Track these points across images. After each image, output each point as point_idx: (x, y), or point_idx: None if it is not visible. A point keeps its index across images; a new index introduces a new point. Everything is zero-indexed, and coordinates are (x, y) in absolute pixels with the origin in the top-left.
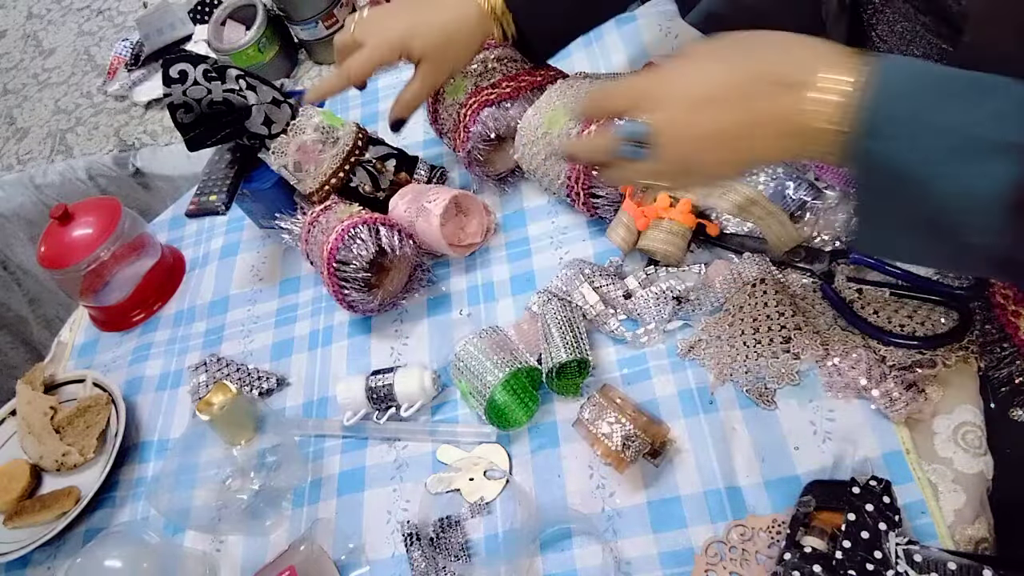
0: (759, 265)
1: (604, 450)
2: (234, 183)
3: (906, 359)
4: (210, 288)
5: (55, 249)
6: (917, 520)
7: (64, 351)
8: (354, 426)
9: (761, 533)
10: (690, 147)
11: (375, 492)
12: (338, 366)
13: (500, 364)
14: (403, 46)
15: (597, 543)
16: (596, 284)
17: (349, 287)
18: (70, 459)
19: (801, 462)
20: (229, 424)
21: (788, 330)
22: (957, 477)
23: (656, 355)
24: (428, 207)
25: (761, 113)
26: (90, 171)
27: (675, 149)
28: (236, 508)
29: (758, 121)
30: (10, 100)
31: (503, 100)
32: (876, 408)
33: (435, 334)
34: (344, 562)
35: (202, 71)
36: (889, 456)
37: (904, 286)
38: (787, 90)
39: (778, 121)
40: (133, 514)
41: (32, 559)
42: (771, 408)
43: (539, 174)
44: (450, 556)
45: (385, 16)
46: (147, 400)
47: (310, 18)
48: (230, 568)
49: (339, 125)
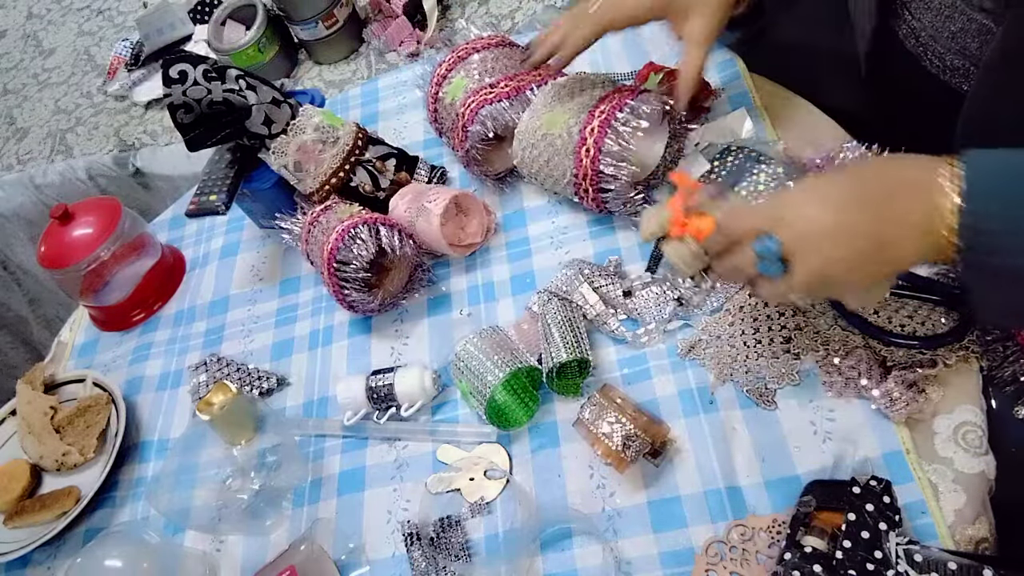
0: None
1: (604, 450)
2: (234, 183)
3: (906, 359)
4: (210, 288)
5: (55, 249)
6: (917, 520)
7: (64, 351)
8: (354, 426)
9: (761, 533)
10: (825, 264)
11: (375, 492)
12: (338, 366)
13: (500, 364)
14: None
15: (597, 543)
16: (596, 284)
17: (349, 287)
18: (70, 459)
19: (801, 462)
20: (229, 424)
21: (788, 330)
22: (957, 477)
23: (656, 355)
24: (428, 207)
25: (889, 228)
26: (90, 171)
27: (809, 265)
28: (236, 508)
29: (886, 239)
30: (10, 100)
31: (502, 100)
32: (876, 408)
33: (435, 334)
34: (344, 562)
35: (202, 71)
36: (889, 456)
37: (904, 286)
38: (913, 199)
39: (908, 229)
40: (133, 514)
41: (32, 559)
42: (771, 408)
43: (541, 176)
44: (450, 556)
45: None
46: (147, 400)
47: (310, 18)
48: (230, 568)
49: (339, 125)
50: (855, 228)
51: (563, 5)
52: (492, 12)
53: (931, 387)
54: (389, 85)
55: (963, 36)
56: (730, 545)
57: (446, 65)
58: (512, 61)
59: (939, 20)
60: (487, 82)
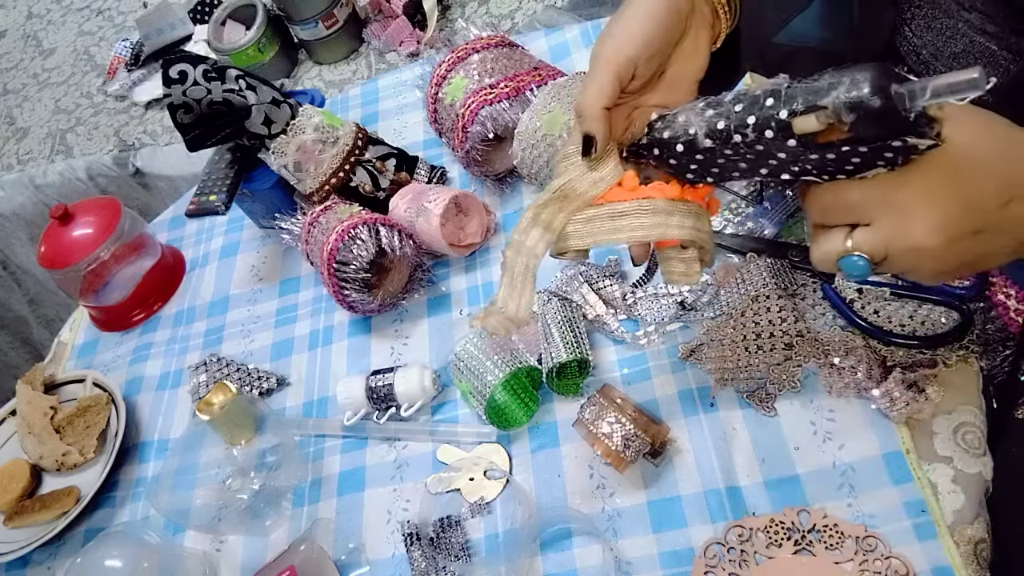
0: (765, 270)
1: (604, 450)
2: (234, 183)
3: (906, 359)
4: (210, 288)
5: (55, 249)
6: (917, 519)
7: (64, 351)
8: (354, 426)
9: (759, 533)
10: (917, 273)
11: (375, 492)
12: (338, 366)
13: (500, 364)
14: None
15: (597, 543)
16: (596, 284)
17: (349, 287)
18: (70, 459)
19: (801, 462)
20: (229, 424)
21: (790, 336)
22: (957, 477)
23: (656, 355)
24: (428, 207)
25: (997, 241)
26: (90, 171)
27: (899, 268)
28: (236, 508)
29: (992, 251)
30: (10, 100)
31: (502, 100)
32: (876, 408)
33: (435, 334)
34: (344, 562)
35: (202, 71)
36: (889, 456)
37: (904, 286)
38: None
39: (1017, 244)
40: (133, 514)
41: (32, 559)
42: (771, 414)
43: (541, 176)
44: (450, 556)
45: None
46: (147, 400)
47: (310, 18)
48: (230, 568)
49: (339, 125)
50: (962, 255)
51: (563, 5)
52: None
53: (931, 387)
54: (389, 85)
55: (965, 57)
56: (728, 546)
57: (446, 65)
58: (512, 61)
59: (940, 40)
60: (487, 82)
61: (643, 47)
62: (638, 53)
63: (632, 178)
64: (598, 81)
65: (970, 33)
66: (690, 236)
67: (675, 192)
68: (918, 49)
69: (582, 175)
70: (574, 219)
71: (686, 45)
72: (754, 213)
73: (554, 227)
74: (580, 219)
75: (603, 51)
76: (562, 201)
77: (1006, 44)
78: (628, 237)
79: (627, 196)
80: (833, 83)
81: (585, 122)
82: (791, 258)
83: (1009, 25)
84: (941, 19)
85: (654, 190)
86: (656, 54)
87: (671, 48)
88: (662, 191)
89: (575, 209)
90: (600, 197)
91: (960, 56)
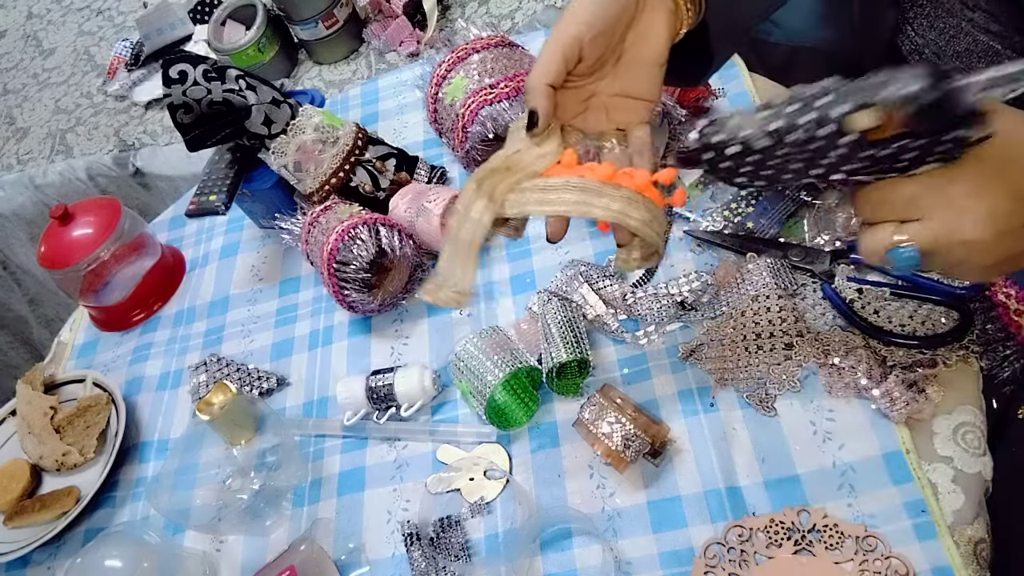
0: (765, 270)
1: (604, 450)
2: (234, 183)
3: (906, 359)
4: (210, 288)
5: (55, 249)
6: (917, 519)
7: (64, 351)
8: (354, 426)
9: (759, 533)
10: (966, 269)
11: (375, 492)
12: (338, 366)
13: (500, 364)
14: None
15: (597, 543)
16: (596, 284)
17: (349, 287)
18: (70, 459)
19: (801, 462)
20: (229, 424)
21: (790, 336)
22: (957, 477)
23: (656, 355)
24: (428, 207)
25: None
26: (90, 171)
27: (948, 261)
28: (236, 508)
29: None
30: (10, 100)
31: (501, 100)
32: (876, 408)
33: (435, 334)
34: (344, 562)
35: (202, 71)
36: (889, 456)
37: (904, 286)
38: None
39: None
40: (133, 514)
41: (32, 559)
42: (771, 415)
43: None
44: (450, 556)
45: None
46: (147, 400)
47: (310, 18)
48: (230, 568)
49: (339, 125)
50: (1010, 248)
51: (563, 5)
52: (492, 12)
53: (931, 387)
54: (389, 85)
55: (968, 56)
56: (728, 546)
57: (446, 65)
58: (512, 61)
59: (943, 39)
60: (487, 82)
61: (586, 27)
62: (581, 33)
63: (570, 155)
64: (543, 58)
65: (974, 32)
66: (614, 219)
67: (607, 174)
68: (921, 48)
69: (528, 148)
70: (512, 190)
71: (640, 28)
72: (754, 213)
73: (495, 197)
74: (516, 190)
75: (553, 31)
76: (505, 172)
77: (1010, 43)
78: (552, 210)
79: (564, 173)
80: (885, 81)
81: (529, 97)
82: (791, 258)
83: (1013, 24)
84: (944, 18)
85: (587, 169)
86: (600, 34)
87: (621, 28)
88: (594, 171)
89: (515, 181)
90: (542, 173)
91: (963, 55)
